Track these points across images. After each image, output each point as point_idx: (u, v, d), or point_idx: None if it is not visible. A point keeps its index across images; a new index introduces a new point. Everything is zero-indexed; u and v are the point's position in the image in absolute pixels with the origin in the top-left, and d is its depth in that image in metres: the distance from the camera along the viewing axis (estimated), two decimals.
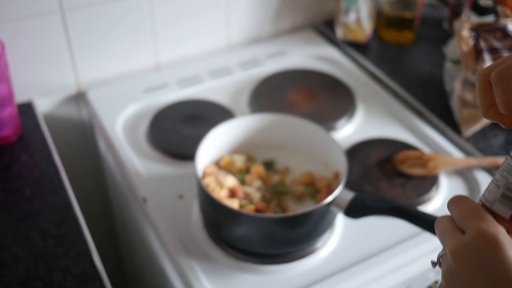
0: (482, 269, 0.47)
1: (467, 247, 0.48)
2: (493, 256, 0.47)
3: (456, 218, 0.51)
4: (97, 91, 1.23)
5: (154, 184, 1.01)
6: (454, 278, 0.50)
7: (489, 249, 0.47)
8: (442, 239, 0.52)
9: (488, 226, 0.48)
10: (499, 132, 1.13)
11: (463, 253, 0.48)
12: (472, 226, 0.49)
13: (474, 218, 0.49)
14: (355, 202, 0.83)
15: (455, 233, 0.50)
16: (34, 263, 0.87)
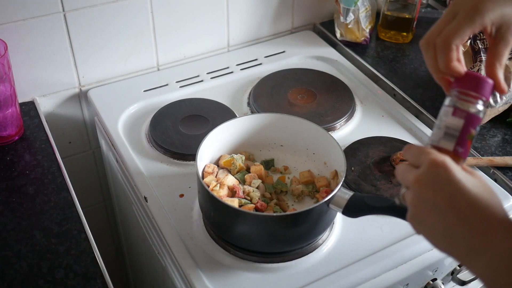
0: (439, 189, 0.59)
1: (425, 175, 0.60)
2: (445, 177, 0.59)
3: (411, 159, 0.64)
4: (99, 91, 1.24)
5: (155, 183, 1.02)
6: (420, 203, 0.61)
7: (441, 172, 0.59)
8: (402, 178, 0.64)
9: (436, 156, 0.60)
10: (496, 132, 1.14)
11: (423, 181, 0.60)
12: (424, 159, 0.61)
13: (425, 154, 0.61)
14: (354, 201, 0.83)
15: (413, 170, 0.62)
16: (36, 261, 0.88)
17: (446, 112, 0.66)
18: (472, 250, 0.58)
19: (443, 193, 0.59)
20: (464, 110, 0.64)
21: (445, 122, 0.65)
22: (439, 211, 0.59)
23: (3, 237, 0.91)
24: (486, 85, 0.65)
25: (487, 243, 0.57)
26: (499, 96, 1.12)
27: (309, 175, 0.97)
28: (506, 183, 1.03)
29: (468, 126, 0.64)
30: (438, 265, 0.94)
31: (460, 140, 0.64)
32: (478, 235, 0.57)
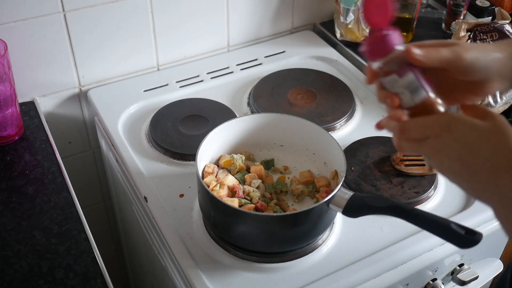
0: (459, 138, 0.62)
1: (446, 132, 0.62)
2: (461, 128, 0.62)
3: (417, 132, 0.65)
4: (99, 91, 1.24)
5: (155, 183, 1.02)
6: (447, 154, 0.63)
7: (457, 125, 0.62)
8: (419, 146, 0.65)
9: (440, 115, 0.65)
10: None
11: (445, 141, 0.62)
12: (433, 124, 0.64)
13: (428, 120, 0.65)
14: (354, 201, 0.83)
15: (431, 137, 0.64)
16: (36, 261, 0.88)
17: (393, 80, 0.67)
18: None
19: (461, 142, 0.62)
20: (403, 66, 0.66)
21: (402, 85, 0.67)
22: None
23: (3, 237, 0.91)
24: (392, 38, 0.67)
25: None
26: (499, 96, 1.12)
27: (309, 175, 0.97)
28: None
29: (415, 71, 0.66)
30: (438, 265, 0.94)
31: (423, 85, 0.67)
32: None
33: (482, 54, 0.67)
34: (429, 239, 0.92)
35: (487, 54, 0.67)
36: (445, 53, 0.66)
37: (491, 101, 1.12)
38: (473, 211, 0.97)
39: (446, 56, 0.66)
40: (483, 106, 0.64)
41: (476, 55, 0.66)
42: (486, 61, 0.67)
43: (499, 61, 0.68)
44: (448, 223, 0.76)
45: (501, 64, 0.68)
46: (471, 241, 0.74)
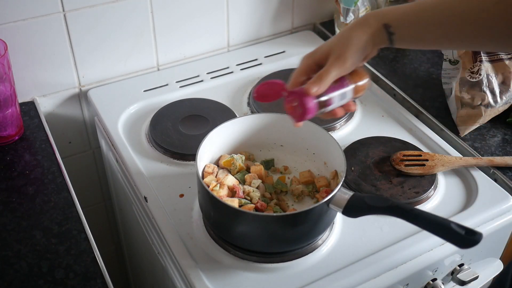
0: None
1: None
2: None
3: None
4: (99, 91, 1.24)
5: (155, 183, 1.02)
6: None
7: None
8: None
9: None
10: (496, 132, 1.14)
11: None
12: None
13: None
14: (353, 201, 0.83)
15: None
16: (36, 261, 0.88)
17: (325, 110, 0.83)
18: None
19: None
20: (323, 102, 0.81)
21: (335, 103, 0.82)
22: None
23: (3, 237, 0.92)
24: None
25: None
26: (499, 96, 1.12)
27: (309, 175, 0.97)
28: (506, 183, 1.03)
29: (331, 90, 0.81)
30: (438, 265, 0.95)
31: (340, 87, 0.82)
32: None
33: (353, 51, 0.79)
34: (429, 239, 0.92)
35: (355, 47, 0.79)
36: (332, 74, 0.78)
37: (491, 101, 1.12)
38: (473, 211, 0.97)
39: (334, 75, 0.79)
40: None
41: (349, 56, 0.79)
42: (357, 54, 0.79)
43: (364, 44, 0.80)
44: (448, 223, 0.76)
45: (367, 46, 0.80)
46: (471, 241, 0.74)
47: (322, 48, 0.81)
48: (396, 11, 0.78)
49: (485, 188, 1.01)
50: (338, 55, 0.79)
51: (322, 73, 0.78)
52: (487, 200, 0.99)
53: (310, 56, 0.82)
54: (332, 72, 0.78)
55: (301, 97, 0.78)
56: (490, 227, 0.97)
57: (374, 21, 0.78)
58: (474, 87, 1.13)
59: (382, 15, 0.78)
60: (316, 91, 0.78)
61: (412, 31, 0.77)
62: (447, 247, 0.93)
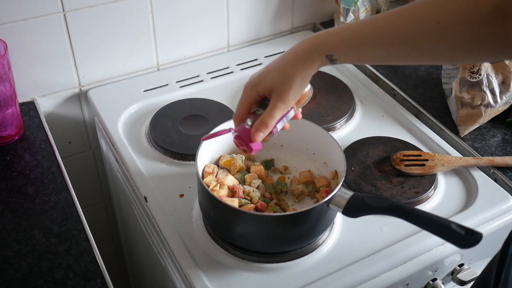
0: None
1: None
2: None
3: None
4: (99, 91, 1.24)
5: (155, 183, 1.02)
6: None
7: None
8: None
9: None
10: (496, 132, 1.14)
11: None
12: None
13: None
14: (354, 201, 0.83)
15: None
16: (36, 261, 0.88)
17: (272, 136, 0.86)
18: None
19: None
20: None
21: (279, 129, 0.86)
22: None
23: (3, 237, 0.92)
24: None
25: None
26: (499, 96, 1.12)
27: (309, 175, 0.97)
28: (506, 183, 1.03)
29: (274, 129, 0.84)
30: (438, 265, 0.95)
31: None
32: None
33: (296, 87, 0.80)
34: (429, 239, 0.92)
35: (298, 83, 0.80)
36: (276, 116, 0.81)
37: (491, 101, 1.12)
38: (473, 211, 0.97)
39: (278, 117, 0.81)
40: None
41: (293, 93, 0.80)
42: (301, 88, 0.81)
43: (307, 76, 0.81)
44: (448, 223, 0.76)
45: (309, 76, 0.81)
46: (471, 241, 0.74)
47: (264, 82, 0.81)
48: (337, 39, 0.77)
49: (485, 188, 1.01)
50: (281, 95, 0.80)
51: (267, 118, 0.80)
52: (487, 200, 0.99)
53: (253, 88, 0.83)
54: (276, 115, 0.81)
55: (247, 142, 0.82)
56: (490, 227, 0.97)
57: (317, 54, 0.78)
58: (474, 87, 1.13)
59: (324, 46, 0.78)
60: (261, 138, 0.81)
61: (355, 55, 0.78)
62: (447, 247, 0.93)
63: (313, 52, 0.78)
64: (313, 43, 0.79)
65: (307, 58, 0.79)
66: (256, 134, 0.81)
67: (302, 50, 0.79)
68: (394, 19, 0.72)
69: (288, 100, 0.80)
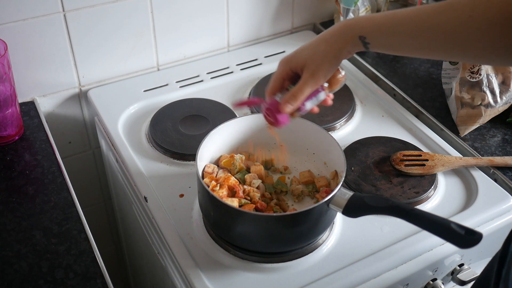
0: None
1: None
2: None
3: None
4: (99, 91, 1.24)
5: (155, 183, 1.02)
6: None
7: None
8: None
9: None
10: (496, 132, 1.14)
11: None
12: None
13: None
14: (354, 201, 0.83)
15: None
16: (36, 261, 0.88)
17: (300, 114, 0.88)
18: None
19: None
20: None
21: (308, 109, 0.87)
22: None
23: (3, 237, 0.92)
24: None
25: None
26: (499, 96, 1.12)
27: (309, 175, 0.97)
28: (506, 183, 1.03)
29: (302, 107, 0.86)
30: (438, 265, 0.95)
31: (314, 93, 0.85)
32: None
33: (326, 65, 0.81)
34: (429, 239, 0.92)
35: (330, 61, 0.81)
36: (306, 91, 0.82)
37: (491, 101, 1.12)
38: (473, 211, 0.97)
39: (308, 92, 0.82)
40: None
41: (325, 71, 0.82)
42: (333, 66, 0.82)
43: (339, 55, 0.82)
44: (448, 223, 0.76)
45: (342, 57, 0.82)
46: (471, 241, 0.74)
47: (298, 58, 0.83)
48: (371, 22, 0.78)
49: (485, 188, 1.01)
50: (312, 71, 0.81)
51: (297, 91, 0.82)
52: (487, 200, 0.99)
53: (287, 64, 0.85)
54: (306, 90, 0.82)
55: (275, 113, 0.84)
56: (490, 227, 0.97)
57: (350, 33, 0.79)
58: (474, 87, 1.13)
59: (358, 27, 0.79)
60: (289, 110, 0.83)
61: (387, 42, 0.78)
62: (447, 247, 0.93)
63: (347, 31, 0.79)
64: (348, 23, 0.80)
65: (340, 36, 0.80)
66: (284, 105, 0.82)
67: (336, 29, 0.81)
68: (430, 10, 0.73)
69: (318, 76, 0.81)
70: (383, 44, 0.79)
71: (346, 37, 0.79)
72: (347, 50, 0.80)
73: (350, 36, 0.79)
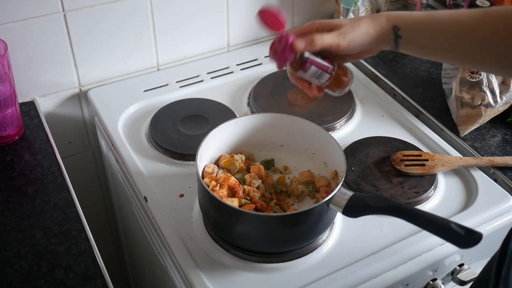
0: None
1: None
2: None
3: None
4: (99, 91, 1.24)
5: (155, 183, 1.02)
6: None
7: None
8: None
9: None
10: (496, 132, 1.14)
11: None
12: None
13: None
14: (354, 201, 0.83)
15: None
16: (36, 261, 0.88)
17: (302, 74, 0.84)
18: None
19: None
20: (305, 63, 0.83)
21: (309, 76, 0.84)
22: None
23: (3, 237, 0.92)
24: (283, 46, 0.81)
25: None
26: (499, 96, 1.12)
27: (309, 175, 0.97)
28: (506, 183, 1.03)
29: (315, 63, 0.83)
30: (438, 265, 0.95)
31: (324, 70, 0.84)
32: None
33: (357, 35, 0.81)
34: (429, 239, 0.92)
35: (361, 33, 0.81)
36: (327, 39, 0.80)
37: (491, 101, 1.12)
38: (473, 211, 0.97)
39: (327, 42, 0.80)
40: None
41: (352, 37, 0.81)
42: (360, 41, 0.81)
43: (370, 37, 0.81)
44: (448, 223, 0.76)
45: (371, 40, 0.82)
46: (471, 241, 0.74)
47: (331, 21, 0.83)
48: (408, 16, 0.79)
49: (485, 188, 1.01)
50: (342, 32, 0.81)
51: (317, 37, 0.80)
52: (487, 200, 0.99)
53: (315, 22, 0.84)
54: (326, 39, 0.80)
55: (285, 46, 0.80)
56: (490, 227, 0.97)
57: (385, 21, 0.80)
58: (474, 87, 1.13)
59: (394, 17, 0.80)
60: (301, 47, 0.80)
61: (420, 39, 0.78)
62: (447, 247, 0.93)
63: (383, 17, 0.81)
64: (386, 13, 0.81)
65: (376, 19, 0.81)
66: (298, 42, 0.80)
67: (374, 15, 0.82)
68: (469, 15, 0.73)
69: (345, 37, 0.80)
70: (414, 40, 0.79)
71: (381, 24, 0.80)
72: (377, 39, 0.81)
73: (385, 22, 0.80)
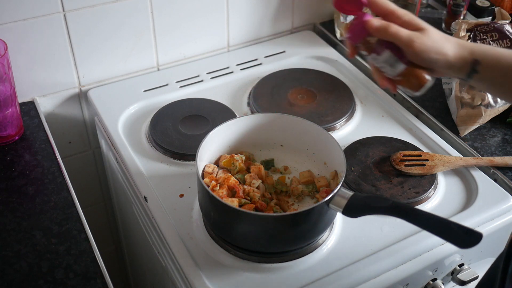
0: None
1: None
2: None
3: None
4: (99, 91, 1.24)
5: (155, 183, 1.02)
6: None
7: None
8: None
9: None
10: (496, 132, 1.14)
11: None
12: None
13: None
14: (354, 201, 0.83)
15: None
16: (36, 261, 0.88)
17: (374, 58, 0.81)
18: None
19: None
20: (380, 46, 0.79)
21: (382, 61, 0.80)
22: None
23: (3, 237, 0.92)
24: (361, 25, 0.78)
25: None
26: None
27: (309, 175, 0.97)
28: (506, 183, 1.03)
29: (390, 47, 0.78)
30: (438, 265, 0.95)
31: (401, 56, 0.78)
32: None
33: (433, 50, 0.76)
34: (429, 239, 0.92)
35: (437, 51, 0.76)
36: (402, 32, 0.76)
37: (491, 101, 1.12)
38: (473, 211, 0.97)
39: (400, 37, 0.76)
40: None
41: (427, 48, 0.76)
42: (433, 58, 0.77)
43: (444, 62, 0.77)
44: (448, 223, 0.76)
45: (443, 64, 0.77)
46: (471, 241, 0.74)
47: (422, 22, 0.79)
48: (492, 49, 0.76)
49: (485, 188, 1.01)
50: (423, 37, 0.76)
51: (393, 25, 0.76)
52: (487, 200, 0.99)
53: (409, 17, 0.79)
54: (402, 32, 0.76)
55: (360, 22, 0.78)
56: (490, 227, 0.97)
57: (467, 53, 0.77)
58: (474, 87, 1.13)
59: (476, 47, 0.77)
60: (373, 26, 0.76)
61: (498, 75, 0.76)
62: (447, 247, 0.93)
63: (469, 48, 0.77)
64: (474, 44, 0.78)
65: (458, 45, 0.78)
66: (374, 21, 0.77)
67: (464, 42, 0.79)
68: None
69: (421, 42, 0.75)
70: (491, 75, 0.76)
71: (461, 53, 0.77)
72: (449, 64, 0.77)
73: (465, 55, 0.76)
